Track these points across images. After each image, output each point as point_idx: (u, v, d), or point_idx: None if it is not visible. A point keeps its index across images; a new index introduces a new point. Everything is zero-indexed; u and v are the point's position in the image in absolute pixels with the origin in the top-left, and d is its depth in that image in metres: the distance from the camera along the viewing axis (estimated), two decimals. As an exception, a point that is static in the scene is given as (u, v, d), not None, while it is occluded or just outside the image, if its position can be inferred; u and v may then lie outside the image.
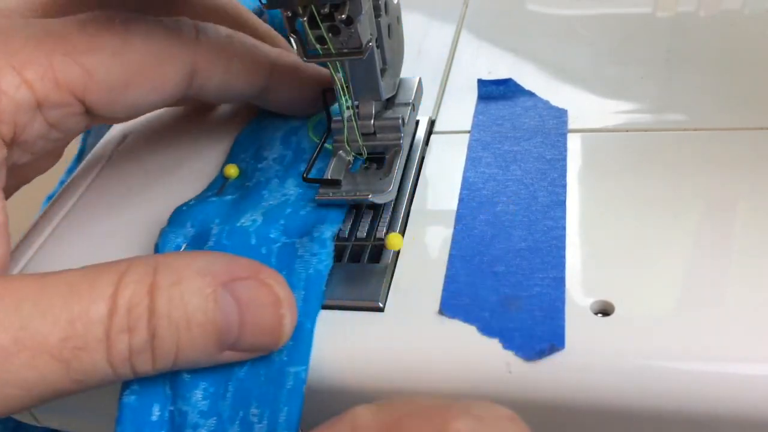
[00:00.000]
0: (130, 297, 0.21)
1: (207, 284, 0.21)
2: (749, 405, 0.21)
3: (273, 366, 0.23)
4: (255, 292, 0.22)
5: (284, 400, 0.23)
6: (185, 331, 0.21)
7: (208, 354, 0.22)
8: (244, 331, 0.22)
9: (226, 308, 0.21)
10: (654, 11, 0.39)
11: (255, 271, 0.22)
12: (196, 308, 0.21)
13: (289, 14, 0.25)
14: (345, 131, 0.29)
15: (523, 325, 0.23)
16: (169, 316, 0.21)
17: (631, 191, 0.27)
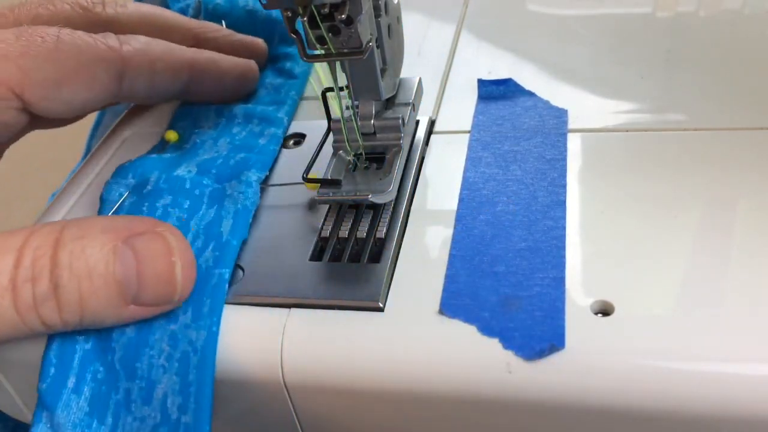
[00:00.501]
0: (35, 249, 0.23)
1: (108, 239, 0.24)
2: (749, 405, 0.21)
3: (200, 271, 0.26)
4: (150, 244, 0.24)
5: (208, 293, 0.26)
6: (87, 281, 0.23)
7: (113, 307, 0.24)
8: (143, 282, 0.24)
9: (125, 261, 0.23)
10: (654, 11, 0.39)
11: (152, 225, 0.25)
12: (97, 260, 0.23)
13: (289, 14, 0.25)
14: (345, 131, 0.29)
15: (523, 325, 0.23)
16: (70, 266, 0.23)
17: (631, 191, 0.27)
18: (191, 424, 0.24)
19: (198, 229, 0.28)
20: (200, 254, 0.27)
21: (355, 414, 0.25)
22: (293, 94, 0.36)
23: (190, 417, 0.24)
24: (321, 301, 0.26)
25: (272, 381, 0.25)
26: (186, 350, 0.25)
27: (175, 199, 0.29)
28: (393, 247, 0.27)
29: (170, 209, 0.29)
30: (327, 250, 0.28)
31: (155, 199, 0.29)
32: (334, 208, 0.29)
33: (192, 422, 0.24)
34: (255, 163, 0.31)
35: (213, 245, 0.27)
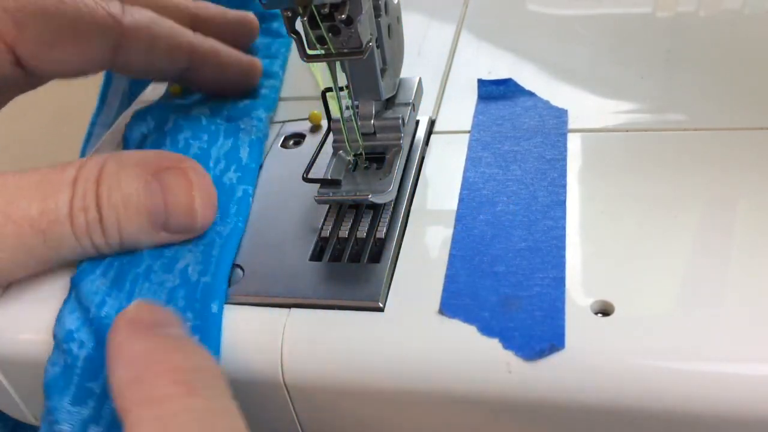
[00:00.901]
0: (83, 183, 0.26)
1: (140, 172, 0.27)
2: (749, 405, 0.21)
3: (224, 186, 0.30)
4: (174, 178, 0.27)
5: (234, 201, 0.29)
6: (123, 211, 0.26)
7: (146, 232, 0.27)
8: (170, 211, 0.27)
9: (153, 192, 0.26)
10: (654, 11, 0.39)
11: (178, 160, 0.28)
12: (130, 193, 0.26)
13: (289, 14, 0.25)
14: (345, 131, 0.29)
15: (523, 325, 0.23)
16: (108, 198, 0.26)
17: (631, 191, 0.27)
18: (209, 282, 0.26)
19: (219, 155, 0.31)
20: (223, 174, 0.31)
21: (355, 414, 0.25)
22: (284, 51, 0.39)
23: (209, 278, 0.26)
24: (321, 301, 0.26)
25: (272, 381, 0.25)
26: (212, 238, 0.28)
27: (195, 133, 0.32)
28: (393, 247, 0.27)
29: (191, 141, 0.32)
30: (327, 250, 0.28)
31: (176, 133, 0.32)
32: (334, 208, 0.29)
33: (210, 281, 0.26)
34: (261, 104, 0.35)
35: (234, 167, 0.31)
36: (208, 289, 0.26)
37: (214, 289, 0.26)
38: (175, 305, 0.26)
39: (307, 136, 0.34)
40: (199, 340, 0.25)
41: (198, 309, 0.25)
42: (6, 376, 0.28)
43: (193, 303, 0.26)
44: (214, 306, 0.25)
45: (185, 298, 0.26)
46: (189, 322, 0.25)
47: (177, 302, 0.26)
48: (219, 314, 0.25)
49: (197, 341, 0.25)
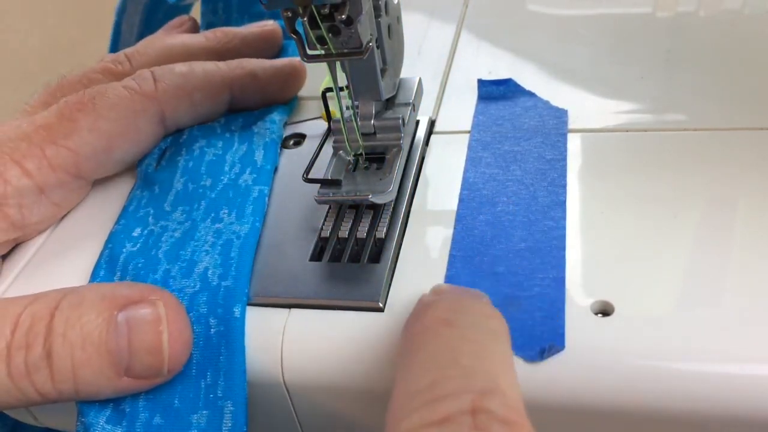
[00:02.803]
0: (32, 316, 0.23)
1: (105, 307, 0.23)
2: (749, 405, 0.21)
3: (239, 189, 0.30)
4: (141, 313, 0.24)
5: (250, 202, 0.29)
6: (79, 351, 0.23)
7: (106, 377, 0.23)
8: (133, 352, 0.23)
9: (118, 331, 0.23)
10: (654, 11, 0.39)
11: (148, 292, 0.24)
12: (91, 330, 0.23)
13: (289, 14, 0.25)
14: (345, 131, 0.29)
15: (523, 326, 0.23)
16: (64, 334, 0.23)
17: (631, 191, 0.27)
18: (231, 286, 0.26)
19: (234, 159, 0.31)
20: (239, 177, 0.30)
21: (355, 414, 0.25)
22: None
23: (230, 281, 0.26)
24: (321, 301, 0.26)
25: (272, 381, 0.25)
26: (230, 238, 0.27)
27: (209, 141, 0.32)
28: (393, 247, 0.27)
29: (206, 149, 0.32)
30: (327, 250, 0.28)
31: (191, 144, 0.32)
32: (334, 208, 0.29)
33: (232, 284, 0.26)
34: (275, 109, 0.34)
35: (249, 170, 0.31)
36: (230, 293, 0.25)
37: (236, 293, 0.25)
38: (197, 311, 0.25)
39: (307, 136, 0.34)
40: (224, 346, 0.24)
41: (221, 314, 0.25)
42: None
43: (215, 308, 0.25)
44: (237, 310, 0.25)
45: (207, 304, 0.25)
46: (212, 328, 0.25)
47: (199, 308, 0.25)
48: (242, 318, 0.25)
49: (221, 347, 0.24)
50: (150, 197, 0.30)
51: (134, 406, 0.24)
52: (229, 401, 0.24)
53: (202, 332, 0.25)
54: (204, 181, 0.30)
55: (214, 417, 0.24)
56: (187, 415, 0.24)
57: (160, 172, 0.31)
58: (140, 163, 0.32)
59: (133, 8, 0.49)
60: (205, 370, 0.24)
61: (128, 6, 0.49)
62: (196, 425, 0.23)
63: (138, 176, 0.32)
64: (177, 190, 0.30)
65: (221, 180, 0.30)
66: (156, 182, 0.31)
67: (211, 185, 0.30)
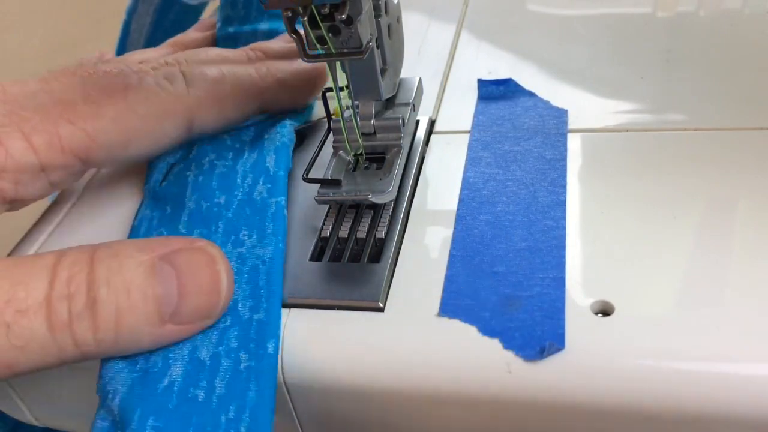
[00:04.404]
0: (70, 267, 0.22)
1: (145, 255, 0.23)
2: (749, 405, 0.21)
3: (255, 203, 0.28)
4: (190, 257, 0.23)
5: (269, 219, 0.27)
6: (125, 297, 0.22)
7: (150, 324, 0.23)
8: (183, 296, 0.23)
9: (164, 275, 0.22)
10: (654, 11, 0.39)
11: (189, 241, 0.24)
12: (134, 275, 0.22)
13: (289, 14, 0.25)
14: (345, 131, 0.29)
15: (523, 325, 0.23)
16: (108, 282, 0.22)
17: (631, 191, 0.27)
18: (264, 319, 0.24)
19: (245, 169, 0.29)
20: (253, 189, 0.28)
21: (355, 414, 0.25)
22: None
23: (262, 314, 0.25)
24: (321, 301, 0.26)
25: (272, 381, 0.25)
26: (255, 263, 0.26)
27: (219, 153, 0.31)
28: (393, 247, 0.27)
29: (216, 162, 0.30)
30: (327, 250, 0.28)
31: (201, 158, 0.31)
32: (334, 208, 0.29)
33: (265, 318, 0.24)
34: (287, 114, 0.33)
35: (263, 179, 0.29)
36: (263, 327, 0.24)
37: (269, 327, 0.24)
38: (227, 345, 0.24)
39: (307, 136, 0.34)
40: (253, 381, 0.23)
41: (253, 349, 0.24)
42: (6, 376, 0.28)
43: (247, 343, 0.24)
44: (270, 346, 0.24)
45: (238, 338, 0.24)
46: (242, 362, 0.24)
47: (230, 342, 0.24)
48: (275, 354, 0.24)
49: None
50: (161, 217, 0.29)
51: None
52: None
53: (231, 366, 0.23)
54: (217, 198, 0.29)
55: None
56: None
57: (168, 187, 0.30)
58: (147, 179, 0.31)
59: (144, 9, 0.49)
60: (229, 404, 0.23)
61: (139, 6, 0.49)
62: None
63: (144, 193, 0.31)
64: (190, 210, 0.29)
65: (235, 196, 0.29)
66: (166, 200, 0.30)
67: (226, 203, 0.28)
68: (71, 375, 0.27)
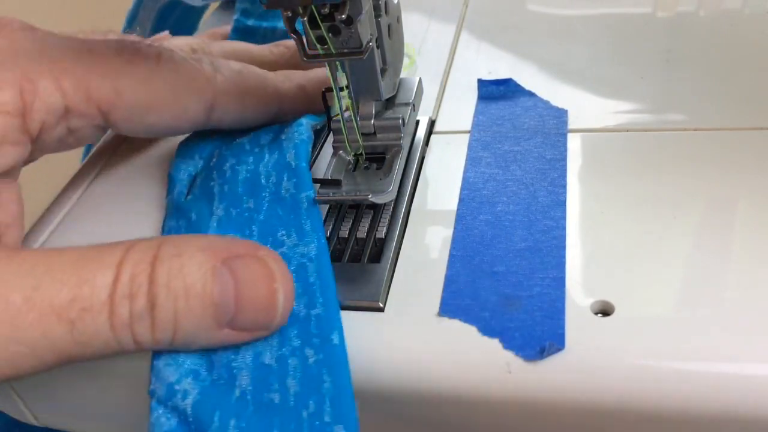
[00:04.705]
0: (133, 266, 0.22)
1: (206, 258, 0.23)
2: (749, 405, 0.21)
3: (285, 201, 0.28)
4: (251, 268, 0.23)
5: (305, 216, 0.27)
6: (183, 301, 0.22)
7: (207, 328, 0.23)
8: (241, 306, 0.23)
9: (223, 282, 0.22)
10: (654, 11, 0.39)
11: (253, 248, 0.24)
12: (194, 280, 0.22)
13: (289, 14, 0.25)
14: (345, 131, 0.29)
15: (523, 325, 0.23)
16: (168, 285, 0.22)
17: (632, 191, 0.27)
18: (323, 314, 0.24)
19: (267, 169, 0.29)
20: (279, 187, 0.28)
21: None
22: None
23: (320, 309, 0.24)
24: (321, 301, 0.26)
25: (272, 381, 0.25)
26: (301, 261, 0.25)
27: (239, 158, 0.30)
28: (393, 247, 0.27)
29: (237, 167, 0.29)
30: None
31: (221, 165, 0.30)
32: (334, 208, 0.29)
33: (323, 313, 0.24)
34: (303, 119, 0.32)
35: (287, 175, 0.28)
36: (322, 321, 0.24)
37: (329, 320, 0.24)
38: (289, 345, 0.24)
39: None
40: (326, 373, 0.23)
41: (317, 344, 0.24)
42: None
43: (310, 339, 0.24)
44: (335, 337, 0.24)
45: (300, 336, 0.24)
46: (310, 358, 0.23)
47: (292, 342, 0.24)
48: (341, 344, 0.23)
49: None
50: (188, 228, 0.28)
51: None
52: (340, 425, 0.22)
53: (299, 364, 0.23)
54: (246, 203, 0.28)
55: None
56: None
57: (193, 201, 0.29)
58: (169, 192, 0.31)
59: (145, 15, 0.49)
60: (307, 399, 0.23)
61: (140, 13, 0.49)
62: None
63: (168, 207, 0.30)
64: (219, 217, 0.28)
65: (263, 198, 0.28)
66: (192, 211, 0.29)
67: (255, 206, 0.28)
68: (71, 375, 0.27)
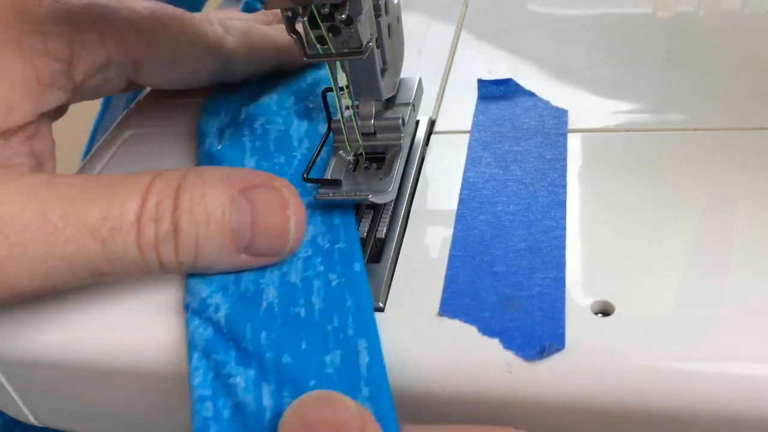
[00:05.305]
0: (159, 192, 0.24)
1: (226, 188, 0.24)
2: (749, 405, 0.21)
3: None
4: (266, 196, 0.25)
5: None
6: (204, 226, 0.24)
7: (226, 253, 0.25)
8: (256, 232, 0.25)
9: (240, 210, 0.24)
10: (654, 11, 0.39)
11: (269, 179, 0.26)
12: (214, 207, 0.24)
13: (289, 14, 0.25)
14: (345, 131, 0.29)
15: (523, 325, 0.23)
16: (190, 211, 0.24)
17: (631, 191, 0.27)
18: (345, 248, 0.26)
19: (299, 134, 0.31)
20: (311, 150, 0.31)
21: (355, 414, 0.25)
22: None
23: (342, 244, 0.26)
24: (321, 301, 0.26)
25: (272, 381, 0.25)
26: (326, 208, 0.28)
27: (269, 118, 0.32)
28: (393, 247, 0.27)
29: (267, 126, 0.32)
30: (327, 250, 0.28)
31: (252, 122, 0.32)
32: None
33: (346, 247, 0.26)
34: (326, 81, 0.34)
35: (319, 142, 0.30)
36: (345, 253, 0.26)
37: (351, 253, 0.26)
38: (314, 270, 0.25)
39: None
40: (348, 293, 0.24)
41: (340, 270, 0.25)
42: (6, 376, 0.29)
43: (333, 266, 0.25)
44: (357, 266, 0.25)
45: (323, 264, 0.25)
46: (333, 281, 0.25)
47: (316, 268, 0.25)
48: (363, 272, 0.25)
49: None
50: None
51: (256, 345, 0.24)
52: (363, 338, 0.23)
53: (322, 285, 0.25)
54: (277, 159, 0.30)
55: (349, 354, 0.23)
56: (318, 355, 0.23)
57: (225, 150, 0.31)
58: (200, 143, 0.33)
59: None
60: (331, 314, 0.24)
61: None
62: (331, 364, 0.23)
63: (200, 157, 0.32)
64: (251, 167, 0.30)
65: (294, 156, 0.30)
66: (224, 160, 0.31)
67: (286, 162, 0.30)
68: (71, 375, 0.27)
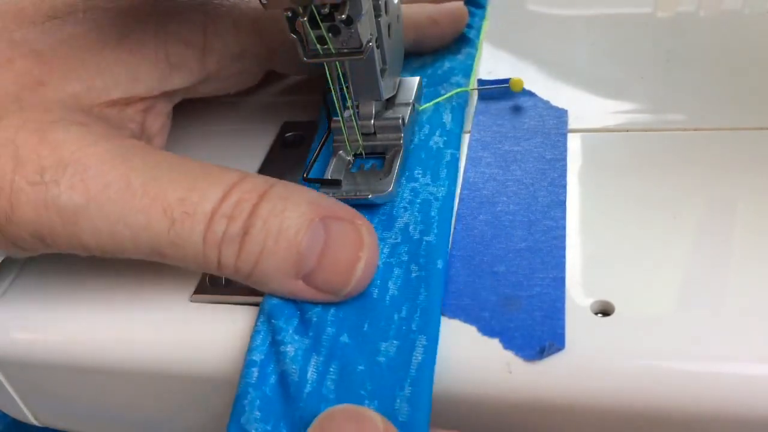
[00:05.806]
0: (243, 192, 0.24)
1: (309, 210, 0.24)
2: (749, 405, 0.21)
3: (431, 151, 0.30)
4: (344, 231, 0.24)
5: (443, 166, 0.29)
6: (273, 240, 0.23)
7: (284, 273, 0.23)
8: (322, 262, 0.23)
9: (314, 236, 0.23)
10: (654, 11, 0.39)
11: (353, 215, 0.25)
12: (290, 225, 0.23)
13: (289, 14, 0.25)
14: (345, 131, 0.29)
15: (523, 325, 0.23)
16: (266, 220, 0.23)
17: (631, 191, 0.27)
18: (434, 242, 0.26)
19: (422, 120, 0.31)
20: (429, 138, 0.30)
21: (355, 414, 0.25)
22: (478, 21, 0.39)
23: (432, 237, 0.26)
24: (321, 301, 0.26)
25: (272, 381, 0.25)
26: (427, 198, 0.27)
27: None
28: (393, 247, 0.27)
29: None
30: (327, 250, 0.28)
31: None
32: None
33: (435, 241, 0.26)
34: (460, 70, 0.35)
35: (439, 132, 0.31)
36: (431, 247, 0.25)
37: (438, 248, 0.25)
38: (398, 258, 0.25)
39: (307, 136, 0.34)
40: (423, 287, 0.24)
41: (423, 263, 0.25)
42: (6, 376, 0.29)
43: (417, 258, 0.25)
44: (440, 262, 0.25)
45: (408, 253, 0.25)
46: (413, 272, 0.25)
47: (401, 256, 0.25)
48: (444, 270, 0.25)
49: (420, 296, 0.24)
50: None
51: (322, 317, 0.24)
52: (424, 336, 0.23)
53: (402, 274, 0.25)
54: None
55: (405, 348, 0.23)
56: (375, 341, 0.23)
57: None
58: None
59: None
60: (401, 304, 0.24)
61: None
62: (385, 353, 0.23)
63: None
64: None
65: (411, 140, 0.30)
66: None
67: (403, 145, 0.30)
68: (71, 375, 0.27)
